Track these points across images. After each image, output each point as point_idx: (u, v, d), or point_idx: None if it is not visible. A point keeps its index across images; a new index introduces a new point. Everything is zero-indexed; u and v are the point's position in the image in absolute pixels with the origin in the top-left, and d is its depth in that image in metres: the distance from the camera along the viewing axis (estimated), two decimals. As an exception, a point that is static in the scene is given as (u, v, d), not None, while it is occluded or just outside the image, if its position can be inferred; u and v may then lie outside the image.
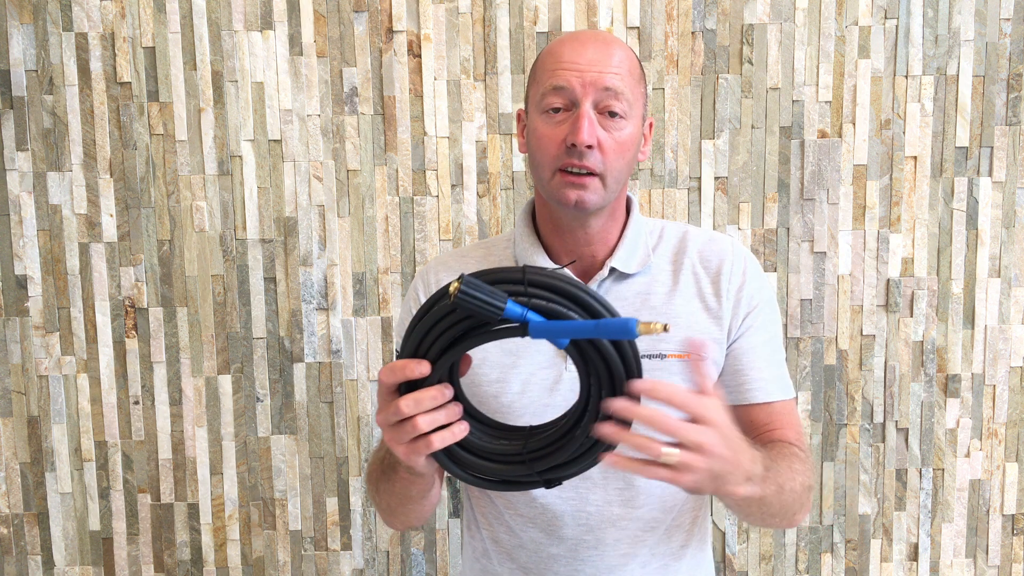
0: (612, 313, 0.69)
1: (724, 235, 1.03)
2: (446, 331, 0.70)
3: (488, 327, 0.70)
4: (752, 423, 0.98)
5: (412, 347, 0.72)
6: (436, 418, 0.72)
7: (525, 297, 0.69)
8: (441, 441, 0.72)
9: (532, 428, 0.78)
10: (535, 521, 0.98)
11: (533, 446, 0.76)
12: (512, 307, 0.67)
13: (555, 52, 0.93)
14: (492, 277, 0.70)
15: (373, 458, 1.01)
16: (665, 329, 0.64)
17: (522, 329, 0.69)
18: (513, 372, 0.96)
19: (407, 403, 0.71)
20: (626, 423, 0.70)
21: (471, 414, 0.77)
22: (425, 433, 0.72)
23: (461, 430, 0.73)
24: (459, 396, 0.75)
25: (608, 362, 0.69)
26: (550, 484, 0.77)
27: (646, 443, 0.68)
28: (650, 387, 0.68)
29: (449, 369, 0.73)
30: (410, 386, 0.73)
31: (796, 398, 1.03)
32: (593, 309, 0.69)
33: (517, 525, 0.99)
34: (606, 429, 0.69)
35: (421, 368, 0.70)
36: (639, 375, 0.70)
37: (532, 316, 0.68)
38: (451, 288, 0.67)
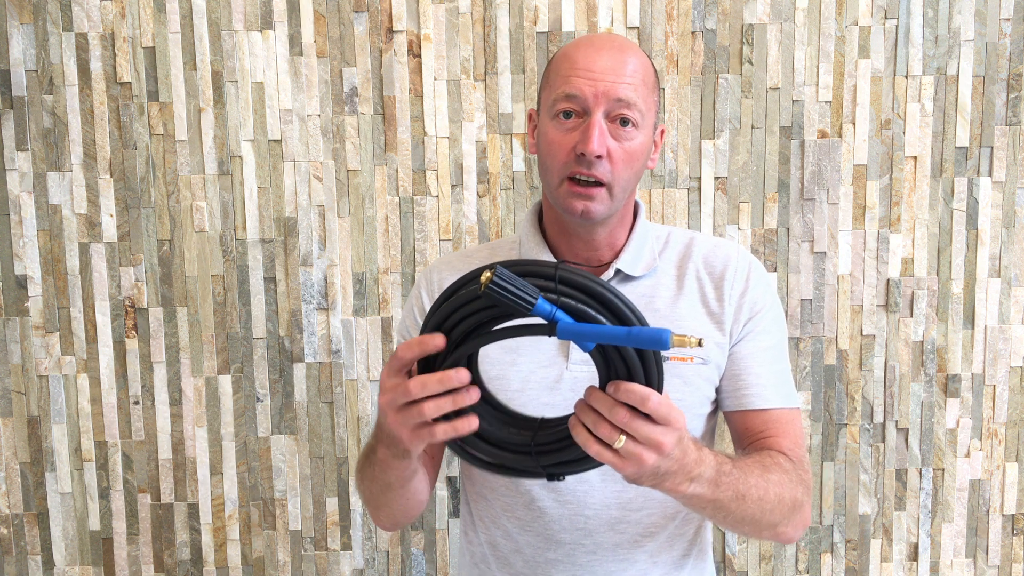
0: (642, 321, 0.67)
1: (730, 242, 1.01)
2: (468, 318, 0.68)
3: (510, 319, 0.68)
4: (747, 429, 0.96)
5: (431, 330, 0.70)
6: (441, 405, 0.70)
7: (554, 294, 0.66)
8: (443, 433, 0.71)
9: (543, 420, 0.77)
10: (532, 525, 0.97)
11: (542, 439, 0.74)
12: (542, 304, 0.65)
13: (569, 57, 0.91)
14: (523, 269, 0.67)
15: (362, 450, 1.00)
16: (700, 344, 0.63)
17: (549, 328, 0.66)
18: (512, 370, 0.95)
19: (415, 385, 0.69)
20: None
21: (483, 396, 0.75)
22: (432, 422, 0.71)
23: (466, 426, 0.71)
24: (475, 379, 0.73)
25: (631, 371, 0.67)
26: (552, 477, 0.76)
27: (598, 422, 0.68)
28: (625, 389, 0.67)
29: (468, 357, 0.71)
30: (426, 370, 0.71)
31: (799, 409, 0.99)
32: (623, 315, 0.67)
33: (514, 528, 0.98)
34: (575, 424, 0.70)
35: (435, 341, 0.69)
36: (660, 387, 0.69)
37: (560, 315, 0.65)
38: (483, 277, 0.64)
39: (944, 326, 1.71)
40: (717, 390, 0.98)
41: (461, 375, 0.69)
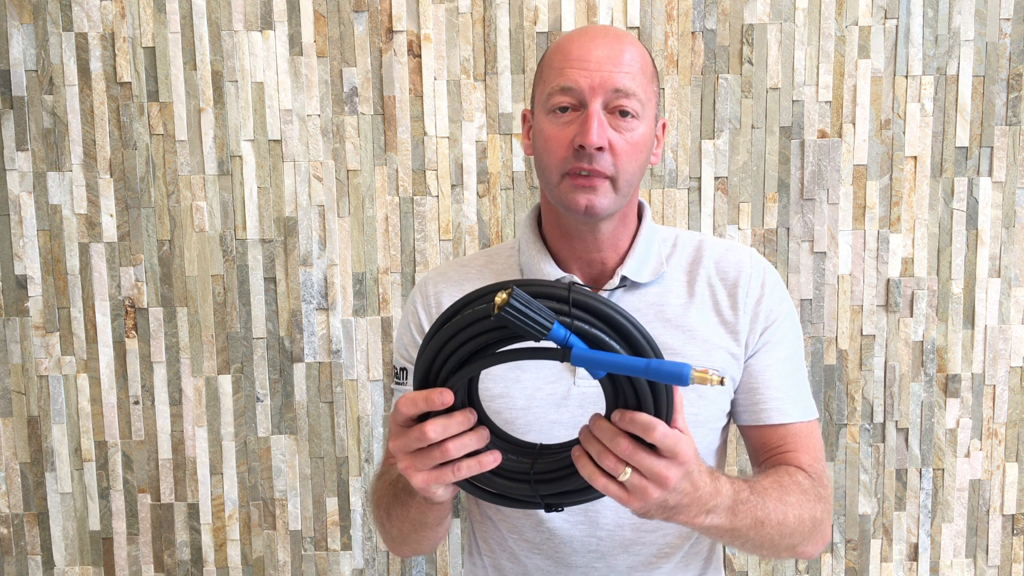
0: (657, 351, 0.65)
1: (743, 246, 0.97)
2: (474, 338, 0.64)
3: (518, 341, 0.64)
4: (765, 444, 0.93)
5: (435, 349, 0.67)
6: (466, 443, 0.67)
7: (567, 318, 0.63)
8: (468, 470, 0.68)
9: (543, 447, 0.74)
10: (541, 547, 0.93)
11: (542, 468, 0.72)
12: (557, 329, 0.61)
13: (563, 49, 0.87)
14: (535, 290, 0.64)
15: (379, 483, 0.95)
16: (722, 383, 0.60)
17: (562, 354, 0.63)
18: (517, 386, 0.91)
19: (435, 428, 0.66)
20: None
21: (480, 420, 0.73)
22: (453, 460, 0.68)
23: (491, 460, 0.69)
24: (476, 407, 0.71)
25: (640, 398, 0.65)
26: (550, 508, 0.73)
27: (603, 453, 0.65)
28: (630, 418, 0.64)
29: (468, 381, 0.69)
30: (424, 388, 0.69)
31: (818, 420, 0.98)
32: (637, 345, 0.64)
33: (522, 552, 0.94)
34: (578, 452, 0.68)
35: (444, 398, 0.66)
36: (669, 417, 0.66)
37: (575, 341, 0.62)
38: (498, 299, 0.60)
39: (944, 326, 1.71)
40: (732, 403, 0.95)
41: (473, 416, 0.68)
